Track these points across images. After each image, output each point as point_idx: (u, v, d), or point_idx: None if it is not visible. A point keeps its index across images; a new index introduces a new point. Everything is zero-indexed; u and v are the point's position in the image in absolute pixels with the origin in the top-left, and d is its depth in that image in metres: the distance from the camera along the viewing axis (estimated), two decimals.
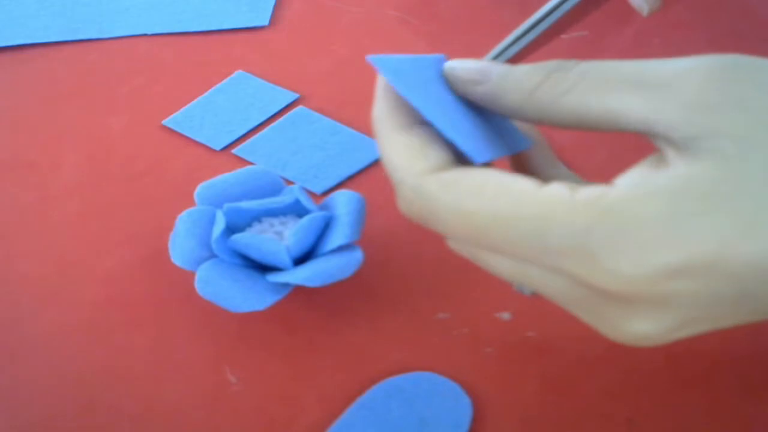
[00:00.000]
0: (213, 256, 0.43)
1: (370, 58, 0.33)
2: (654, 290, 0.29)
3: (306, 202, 0.44)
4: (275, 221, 0.44)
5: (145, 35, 0.60)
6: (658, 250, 0.28)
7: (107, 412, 0.41)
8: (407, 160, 0.32)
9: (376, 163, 0.51)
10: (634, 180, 0.29)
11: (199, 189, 0.46)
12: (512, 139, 0.34)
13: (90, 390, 0.41)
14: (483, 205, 0.30)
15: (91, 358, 0.43)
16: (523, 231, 0.30)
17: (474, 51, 0.56)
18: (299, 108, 0.54)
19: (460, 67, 0.33)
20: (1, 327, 0.44)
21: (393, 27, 0.59)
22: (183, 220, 0.44)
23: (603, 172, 0.36)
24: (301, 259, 0.43)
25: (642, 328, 0.31)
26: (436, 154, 0.32)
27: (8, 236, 0.48)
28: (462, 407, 0.40)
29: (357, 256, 0.42)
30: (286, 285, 0.43)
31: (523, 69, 0.32)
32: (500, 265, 0.32)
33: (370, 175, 0.50)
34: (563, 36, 0.56)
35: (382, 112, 0.33)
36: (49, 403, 0.41)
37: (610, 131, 0.31)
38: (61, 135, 0.53)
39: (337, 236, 0.43)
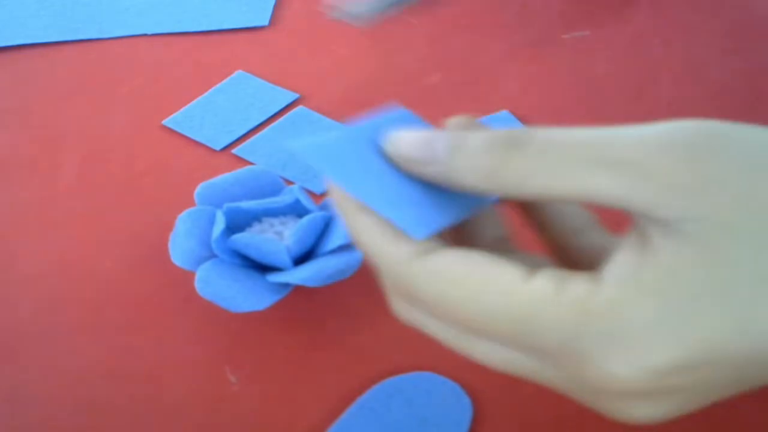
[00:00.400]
0: (213, 256, 0.43)
1: (291, 146, 0.29)
2: (649, 388, 0.29)
3: (306, 202, 0.44)
4: (275, 221, 0.44)
5: (145, 35, 0.60)
6: (650, 353, 0.28)
7: (107, 412, 0.41)
8: (385, 245, 0.29)
9: None
10: (621, 274, 0.28)
11: (199, 189, 0.46)
12: (474, 198, 0.31)
13: (90, 390, 0.41)
14: (469, 298, 0.29)
15: (91, 358, 0.43)
16: (511, 329, 0.29)
17: (474, 50, 0.57)
18: (299, 108, 0.54)
19: (402, 144, 0.30)
20: (1, 327, 0.44)
21: (393, 27, 0.59)
22: (183, 220, 0.44)
23: None
24: (301, 259, 0.43)
25: (643, 414, 0.30)
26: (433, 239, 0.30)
27: (8, 236, 0.48)
28: (462, 407, 0.40)
29: (357, 256, 0.42)
30: (286, 285, 0.43)
31: (473, 145, 0.29)
32: (492, 354, 0.31)
33: None
34: (564, 36, 0.57)
35: (341, 192, 0.30)
36: (49, 403, 0.41)
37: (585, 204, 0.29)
38: (61, 135, 0.53)
39: (337, 236, 0.43)
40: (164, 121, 0.54)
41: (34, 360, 0.43)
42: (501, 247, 0.33)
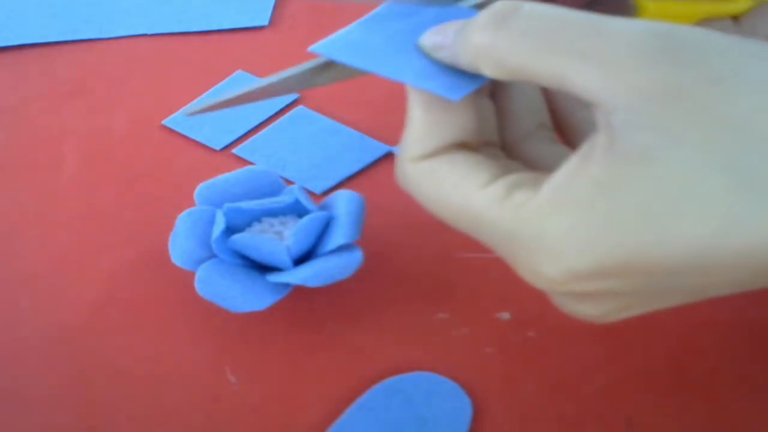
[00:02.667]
0: (213, 256, 0.43)
1: (316, 48, 0.34)
2: (575, 289, 0.31)
3: (306, 202, 0.44)
4: (275, 221, 0.44)
5: (145, 35, 0.60)
6: (568, 258, 0.30)
7: (107, 412, 0.41)
8: (409, 141, 0.34)
9: (376, 163, 0.51)
10: (557, 183, 0.30)
11: (199, 189, 0.46)
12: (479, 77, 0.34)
13: (90, 390, 0.41)
14: (440, 200, 0.33)
15: (91, 358, 0.43)
16: (468, 228, 0.33)
17: None
18: (299, 108, 0.54)
19: (427, 35, 0.33)
20: (1, 327, 0.44)
21: None
22: (183, 220, 0.44)
23: None
24: (301, 259, 0.43)
25: (582, 311, 0.33)
26: (434, 141, 0.33)
27: (8, 236, 0.48)
28: (462, 407, 0.40)
29: (357, 256, 0.42)
30: (286, 285, 0.43)
31: (470, 26, 0.31)
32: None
33: (370, 175, 0.50)
34: None
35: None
36: (49, 403, 0.41)
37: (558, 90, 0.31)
38: (61, 135, 0.53)
39: (337, 236, 0.43)
40: (164, 121, 0.54)
41: (34, 360, 0.43)
42: (539, 134, 0.36)
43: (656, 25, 0.29)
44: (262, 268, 0.43)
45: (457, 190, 0.32)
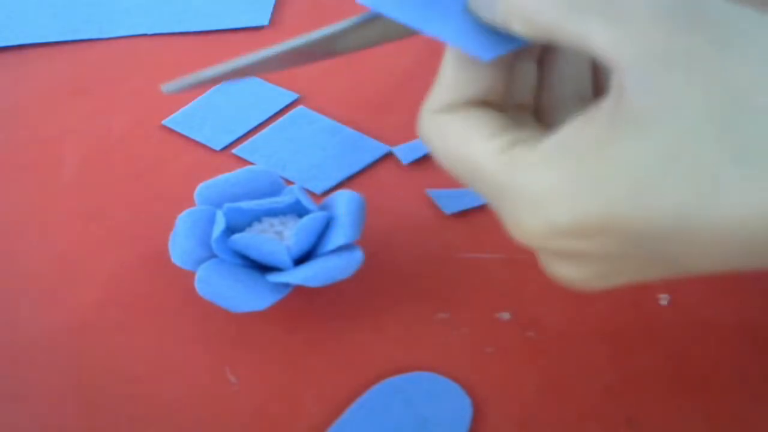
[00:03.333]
0: (213, 256, 0.43)
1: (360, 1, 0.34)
2: (552, 246, 0.31)
3: (306, 202, 0.44)
4: (275, 221, 0.44)
5: (145, 35, 0.60)
6: (550, 211, 0.30)
7: (107, 412, 0.41)
8: (433, 93, 0.34)
9: (376, 163, 0.51)
10: (556, 140, 0.31)
11: (199, 189, 0.46)
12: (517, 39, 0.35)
13: (90, 390, 0.41)
14: (447, 151, 0.34)
15: (91, 359, 0.43)
16: (467, 177, 0.33)
17: None
18: (299, 108, 0.54)
19: None
20: (1, 327, 0.44)
21: None
22: (183, 220, 0.44)
23: None
24: (301, 259, 0.43)
25: (563, 273, 0.33)
26: (456, 95, 0.34)
27: (8, 236, 0.48)
28: (462, 407, 0.40)
29: (357, 256, 0.42)
30: (286, 285, 0.43)
31: None
32: None
33: (370, 175, 0.50)
34: None
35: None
36: (49, 403, 0.41)
37: (585, 55, 0.32)
38: (61, 135, 0.53)
39: (337, 236, 0.43)
40: (164, 121, 0.54)
41: (34, 360, 0.43)
42: (573, 104, 0.36)
43: None
44: (262, 268, 0.43)
45: (463, 140, 0.33)
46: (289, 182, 0.50)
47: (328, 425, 0.40)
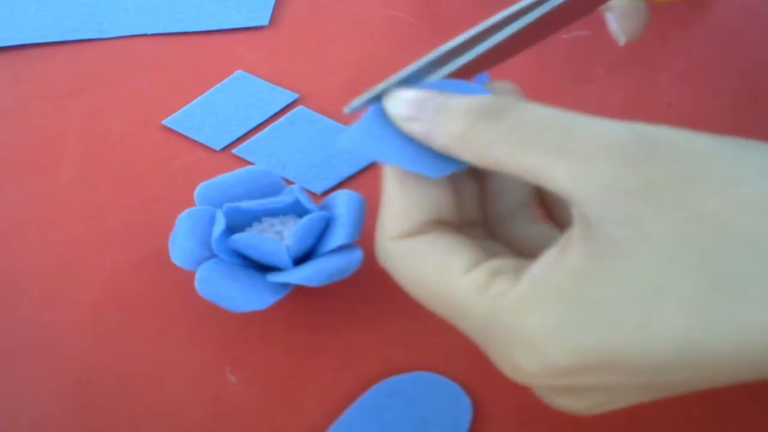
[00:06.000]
0: (213, 256, 0.43)
1: (339, 145, 0.34)
2: (555, 384, 0.31)
3: (306, 202, 0.44)
4: (275, 221, 0.44)
5: (145, 35, 0.60)
6: (547, 355, 0.29)
7: (107, 412, 0.41)
8: (387, 219, 0.33)
9: (375, 164, 0.51)
10: (535, 274, 0.30)
11: (199, 189, 0.46)
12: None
13: (90, 390, 0.41)
14: (419, 279, 0.32)
15: (91, 358, 0.43)
16: (446, 314, 0.32)
17: None
18: (299, 108, 0.54)
19: (397, 102, 0.33)
20: (1, 327, 0.44)
21: (393, 27, 0.59)
22: (183, 220, 0.44)
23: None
24: (301, 259, 0.43)
25: (566, 405, 0.33)
26: (414, 218, 0.33)
27: (8, 236, 0.48)
28: (462, 407, 0.40)
29: (357, 256, 0.42)
30: (286, 285, 0.43)
31: (455, 108, 0.32)
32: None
33: (370, 175, 0.50)
34: (564, 36, 0.57)
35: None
36: (50, 404, 0.41)
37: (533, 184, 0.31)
38: (61, 135, 0.53)
39: (337, 236, 0.43)
40: (164, 121, 0.54)
41: (34, 360, 0.43)
42: (521, 213, 0.36)
43: (631, 126, 0.30)
44: (262, 268, 0.43)
45: (437, 274, 0.32)
46: (289, 182, 0.50)
47: (328, 425, 0.40)
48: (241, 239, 0.42)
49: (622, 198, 0.28)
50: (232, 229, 0.44)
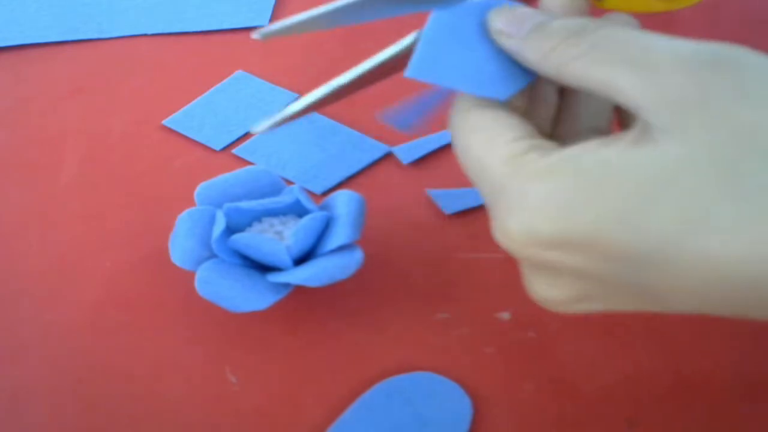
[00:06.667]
0: (213, 256, 0.43)
1: (408, 75, 0.36)
2: (532, 255, 0.32)
3: (306, 202, 0.44)
4: (275, 221, 0.44)
5: (145, 35, 0.60)
6: (537, 219, 0.31)
7: (107, 412, 0.41)
8: (459, 98, 0.36)
9: (376, 163, 0.51)
10: (566, 154, 0.31)
11: (199, 189, 0.46)
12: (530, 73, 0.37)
13: (90, 390, 0.41)
14: (467, 143, 0.34)
15: (91, 358, 0.43)
16: (471, 172, 0.34)
17: None
18: None
19: (500, 18, 0.35)
20: (1, 327, 0.44)
21: (393, 27, 0.59)
22: (183, 220, 0.44)
23: None
24: (301, 259, 0.43)
25: (541, 290, 0.34)
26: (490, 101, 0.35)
27: (8, 236, 0.48)
28: (462, 407, 0.40)
29: (357, 256, 0.42)
30: (286, 285, 0.43)
31: (552, 26, 0.33)
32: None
33: (370, 175, 0.50)
34: None
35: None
36: (49, 403, 0.41)
37: (608, 100, 0.33)
38: (61, 135, 0.53)
39: (337, 236, 0.43)
40: (164, 121, 0.54)
41: (34, 360, 0.43)
42: (590, 136, 0.36)
43: (707, 44, 0.31)
44: (262, 268, 0.43)
45: (485, 141, 0.33)
46: (289, 182, 0.50)
47: (328, 425, 0.40)
48: (241, 239, 0.42)
49: (677, 108, 0.30)
50: (232, 229, 0.44)
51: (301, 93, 0.55)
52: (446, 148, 0.51)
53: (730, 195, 0.28)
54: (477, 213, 0.48)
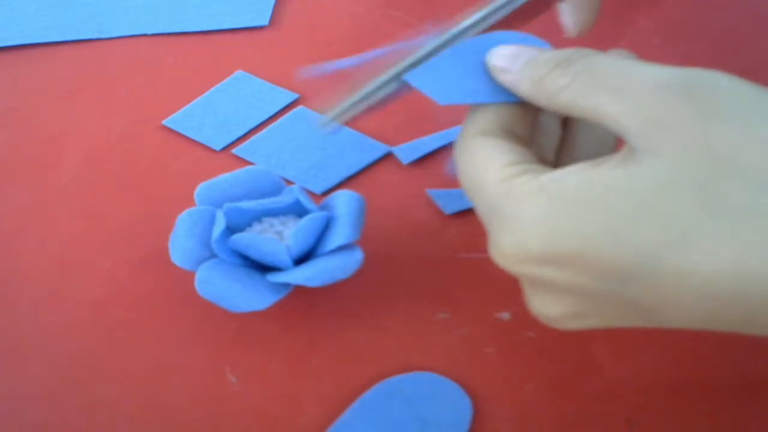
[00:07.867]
0: (213, 256, 0.43)
1: (408, 78, 0.39)
2: (525, 271, 0.33)
3: (306, 202, 0.44)
4: (275, 221, 0.44)
5: (145, 35, 0.60)
6: (526, 235, 0.32)
7: (107, 412, 0.41)
8: (473, 119, 0.37)
9: (376, 163, 0.51)
10: (555, 176, 0.33)
11: (199, 189, 0.46)
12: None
13: (90, 390, 0.41)
14: (467, 169, 0.36)
15: (91, 358, 0.43)
16: (470, 194, 0.36)
17: None
18: (299, 108, 0.54)
19: (497, 54, 0.37)
20: (1, 327, 0.44)
21: (393, 27, 0.59)
22: (183, 220, 0.44)
23: None
24: (301, 259, 0.43)
25: (539, 307, 0.35)
26: (490, 120, 0.36)
27: (8, 236, 0.48)
28: (462, 407, 0.40)
29: (357, 256, 0.42)
30: (286, 285, 0.43)
31: (540, 58, 0.35)
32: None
33: (370, 175, 0.50)
34: (565, 36, 0.56)
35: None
36: (49, 403, 0.41)
37: (598, 126, 0.34)
38: (61, 135, 0.53)
39: (337, 236, 0.43)
40: (164, 121, 0.54)
41: (34, 360, 0.43)
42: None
43: (683, 70, 0.32)
44: (262, 268, 0.43)
45: (483, 164, 0.35)
46: (289, 182, 0.50)
47: (328, 425, 0.40)
48: (241, 239, 0.42)
49: (657, 130, 0.31)
50: (232, 229, 0.44)
51: (302, 93, 0.55)
52: (446, 148, 0.51)
53: (707, 213, 0.30)
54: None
